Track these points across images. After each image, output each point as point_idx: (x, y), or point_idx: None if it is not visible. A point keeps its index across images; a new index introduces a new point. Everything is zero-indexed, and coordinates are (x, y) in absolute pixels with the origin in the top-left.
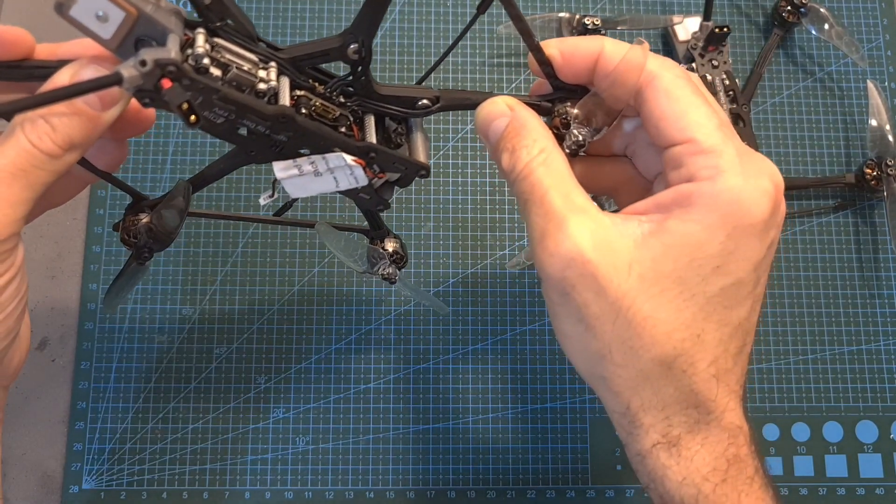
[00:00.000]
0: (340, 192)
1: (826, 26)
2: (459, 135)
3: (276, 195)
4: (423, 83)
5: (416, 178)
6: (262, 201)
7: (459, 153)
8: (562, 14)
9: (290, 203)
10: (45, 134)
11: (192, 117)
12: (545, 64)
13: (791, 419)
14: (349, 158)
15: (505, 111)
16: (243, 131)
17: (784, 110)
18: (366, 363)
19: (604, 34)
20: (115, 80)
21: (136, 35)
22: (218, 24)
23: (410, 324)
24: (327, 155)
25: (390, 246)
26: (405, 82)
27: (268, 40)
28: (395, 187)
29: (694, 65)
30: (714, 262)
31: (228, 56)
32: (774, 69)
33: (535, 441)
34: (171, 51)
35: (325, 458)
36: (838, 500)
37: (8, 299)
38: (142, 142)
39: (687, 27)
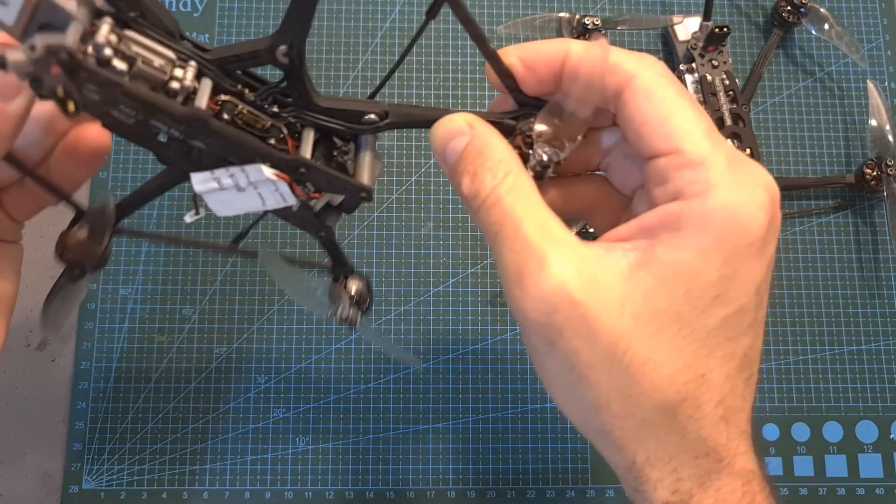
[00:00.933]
0: (275, 213)
1: (826, 26)
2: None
3: (201, 213)
4: (378, 95)
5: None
6: (187, 219)
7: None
8: (562, 14)
9: (245, 231)
10: None
11: (70, 104)
12: (505, 76)
13: (791, 419)
14: (269, 171)
15: (464, 129)
16: (163, 138)
17: (784, 110)
18: (366, 363)
19: (604, 34)
20: None
21: (39, 21)
22: (131, 14)
23: (410, 324)
24: (246, 167)
25: (353, 286)
26: (404, 82)
27: (194, 39)
28: (342, 213)
29: (694, 65)
30: (712, 292)
31: (137, 49)
32: (774, 69)
33: (535, 441)
34: (68, 38)
35: (325, 459)
36: (838, 500)
37: None
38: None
39: (687, 27)
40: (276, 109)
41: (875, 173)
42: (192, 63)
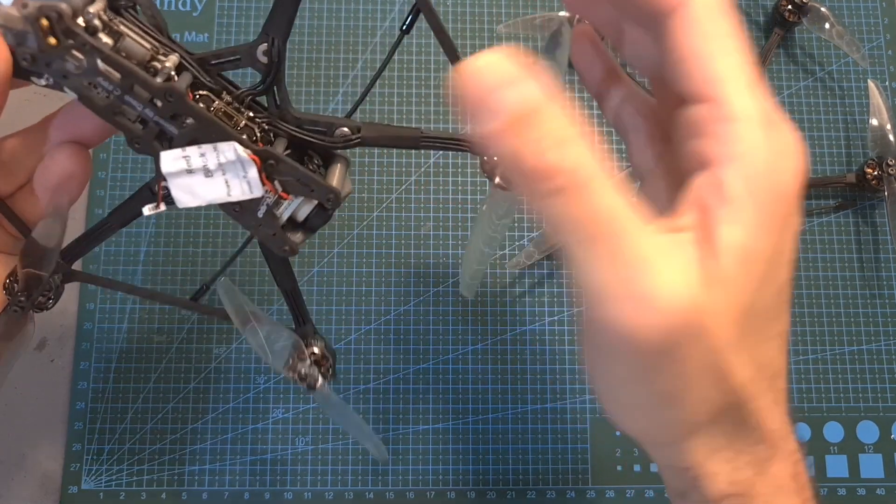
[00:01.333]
0: (238, 219)
1: (827, 25)
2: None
3: (161, 206)
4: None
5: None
6: (146, 212)
7: (459, 153)
8: (562, 13)
9: (206, 286)
10: None
11: (52, 39)
12: None
13: (792, 419)
14: (242, 150)
15: (524, 76)
16: (134, 121)
17: (785, 110)
18: (365, 363)
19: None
20: None
21: None
22: (122, 2)
23: (410, 324)
24: (219, 144)
25: (315, 348)
26: (403, 83)
27: (178, 42)
28: (307, 233)
29: None
30: (772, 270)
31: (124, 30)
32: (775, 68)
33: (536, 441)
34: (62, 3)
35: (325, 459)
36: (839, 501)
37: None
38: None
39: None
40: (251, 114)
41: (876, 173)
42: (175, 56)
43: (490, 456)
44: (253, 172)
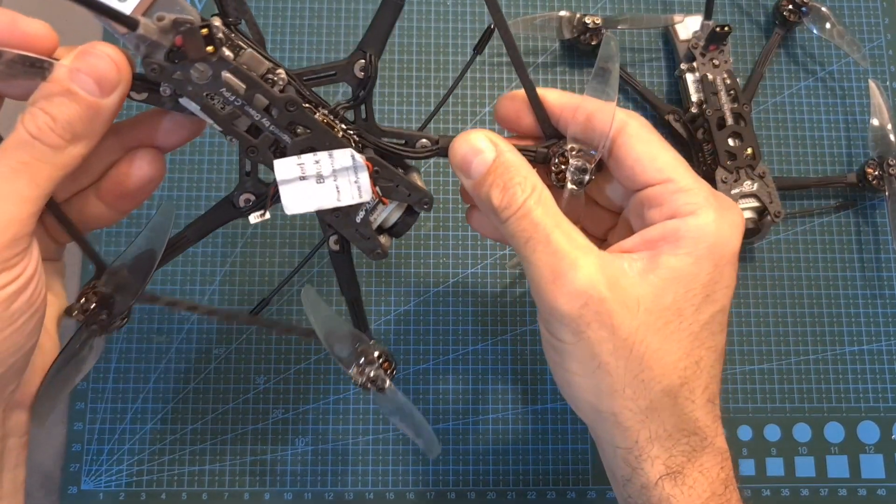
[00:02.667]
0: (336, 226)
1: (827, 25)
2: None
3: (267, 215)
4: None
5: (413, 220)
6: (252, 220)
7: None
8: (562, 13)
9: (266, 300)
10: (44, 124)
11: (210, 48)
12: (543, 119)
13: (792, 419)
14: (358, 156)
15: (489, 146)
16: (243, 126)
17: (785, 110)
18: None
19: (605, 33)
20: (132, 22)
21: (154, 12)
22: (232, 20)
23: (410, 324)
24: (334, 151)
25: (376, 352)
26: (404, 83)
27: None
28: (392, 238)
29: (695, 64)
30: (705, 292)
31: (241, 43)
32: (776, 68)
33: (536, 442)
34: (191, 12)
35: (325, 459)
36: (840, 501)
37: (18, 311)
38: (176, 159)
39: (688, 26)
40: (343, 126)
41: (876, 173)
42: (282, 70)
43: (490, 456)
44: (365, 178)
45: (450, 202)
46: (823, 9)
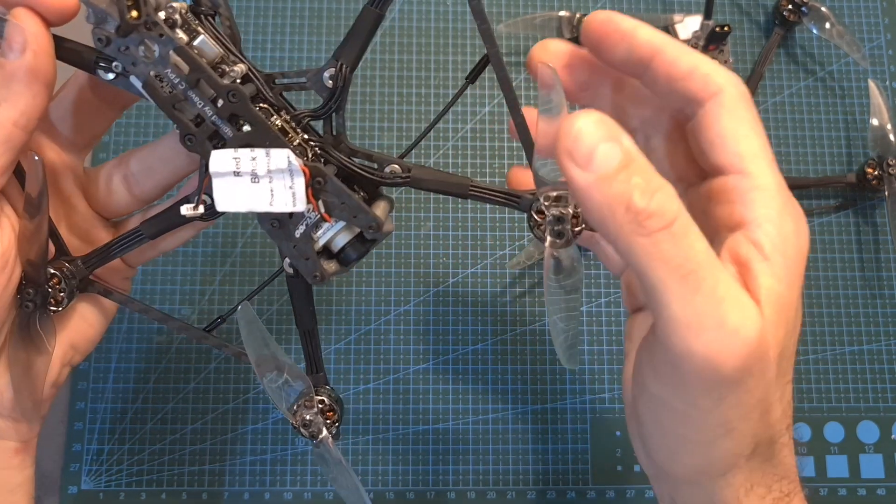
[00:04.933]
0: (274, 237)
1: (827, 25)
2: (459, 134)
3: (199, 208)
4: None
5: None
6: (183, 211)
7: (459, 152)
8: (562, 13)
9: (223, 318)
10: None
11: (134, 12)
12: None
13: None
14: (295, 159)
15: (622, 134)
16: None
17: (785, 109)
18: (365, 363)
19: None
20: None
21: None
22: (204, 10)
23: (410, 324)
24: (272, 150)
25: (325, 396)
26: (403, 83)
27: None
28: (341, 267)
29: None
30: (797, 319)
31: (201, 30)
32: (775, 68)
33: (536, 442)
34: None
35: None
36: (839, 501)
37: None
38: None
39: (688, 26)
40: (305, 136)
41: (876, 173)
42: (243, 66)
43: (490, 456)
44: (300, 185)
45: (449, 202)
46: (823, 9)
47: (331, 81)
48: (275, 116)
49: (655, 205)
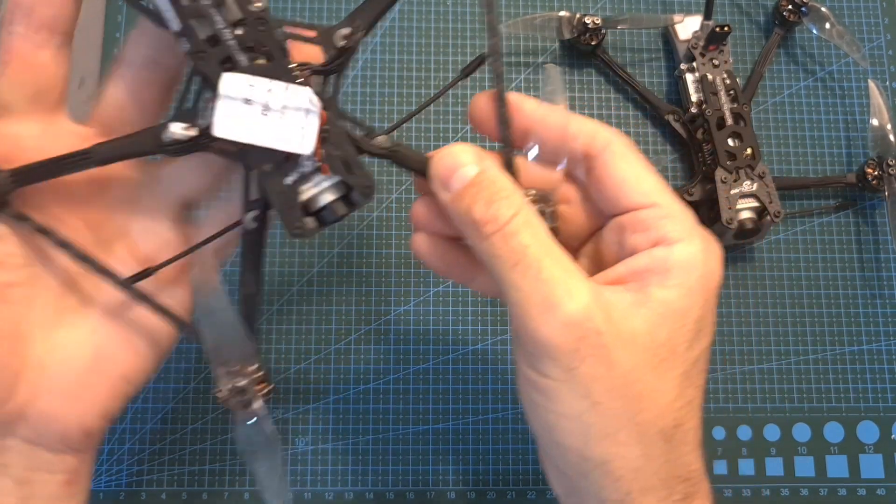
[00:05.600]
0: (263, 181)
1: (827, 25)
2: (459, 135)
3: (193, 130)
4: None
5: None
6: (172, 127)
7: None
8: (562, 13)
9: (151, 270)
10: None
11: None
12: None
13: (792, 419)
14: (316, 101)
15: (473, 160)
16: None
17: (785, 110)
18: (365, 363)
19: (604, 34)
20: None
21: None
22: None
23: (410, 324)
24: (292, 86)
25: (254, 365)
26: (403, 83)
27: None
28: (318, 225)
29: (695, 64)
30: (697, 327)
31: None
32: (775, 68)
33: (536, 441)
34: None
35: (325, 459)
36: (839, 501)
37: None
38: None
39: (687, 26)
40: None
41: (876, 173)
42: (261, 2)
43: (490, 456)
44: (313, 126)
45: None
46: (823, 9)
47: (343, 41)
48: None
49: (491, 213)
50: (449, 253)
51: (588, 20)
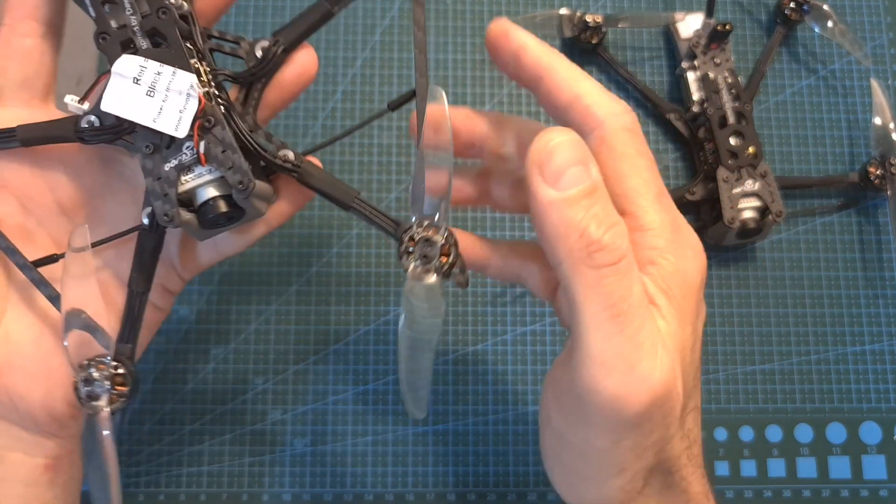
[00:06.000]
0: (143, 159)
1: (829, 24)
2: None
3: (85, 105)
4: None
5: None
6: (67, 100)
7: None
8: (562, 11)
9: (57, 256)
10: None
11: None
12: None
13: (794, 420)
14: (198, 87)
15: (587, 161)
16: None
17: (787, 108)
18: (364, 364)
19: (605, 32)
20: None
21: None
22: None
23: None
24: (179, 71)
25: (122, 367)
26: (403, 82)
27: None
28: (194, 220)
29: (696, 62)
30: (692, 354)
31: None
32: (777, 67)
33: (537, 443)
34: None
35: (324, 460)
36: (842, 502)
37: None
38: None
39: (689, 24)
40: (216, 91)
41: (879, 172)
42: (187, 5)
43: (490, 457)
44: (191, 112)
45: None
46: (825, 7)
47: (260, 52)
48: (194, 60)
49: (609, 239)
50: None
51: (589, 18)
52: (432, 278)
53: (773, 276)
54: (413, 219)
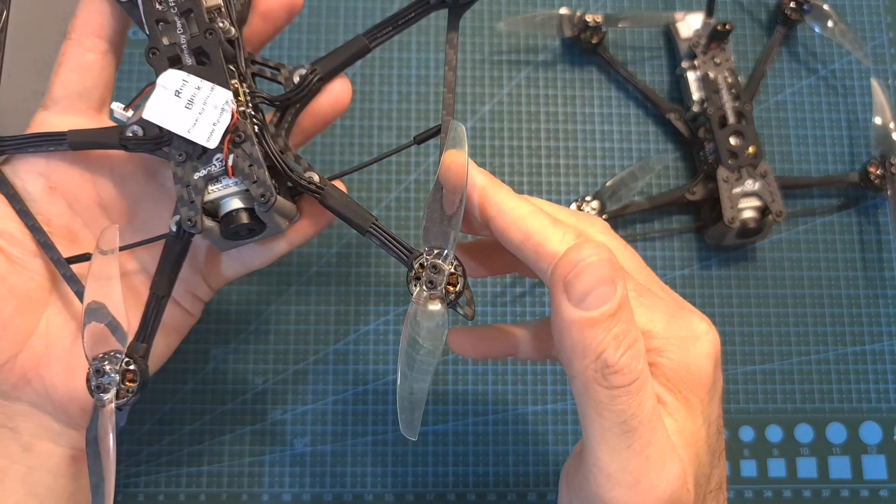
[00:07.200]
0: (176, 165)
1: (829, 24)
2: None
3: (129, 112)
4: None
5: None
6: (113, 106)
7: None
8: (562, 11)
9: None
10: None
11: None
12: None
13: (794, 420)
14: (233, 103)
15: (618, 278)
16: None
17: (787, 108)
18: (364, 364)
19: (605, 31)
20: None
21: None
22: None
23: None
24: (217, 87)
25: (133, 365)
26: (403, 81)
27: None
28: (216, 228)
29: (696, 62)
30: (708, 441)
31: None
32: (777, 67)
33: (536, 443)
34: None
35: (324, 460)
36: (842, 502)
37: None
38: None
39: (689, 24)
40: (252, 111)
41: (879, 172)
42: (234, 29)
43: (490, 458)
44: (223, 125)
45: None
46: (825, 7)
47: (298, 79)
48: (235, 81)
49: (624, 361)
50: (481, 343)
51: (589, 18)
52: (437, 305)
53: (773, 276)
54: (424, 248)
